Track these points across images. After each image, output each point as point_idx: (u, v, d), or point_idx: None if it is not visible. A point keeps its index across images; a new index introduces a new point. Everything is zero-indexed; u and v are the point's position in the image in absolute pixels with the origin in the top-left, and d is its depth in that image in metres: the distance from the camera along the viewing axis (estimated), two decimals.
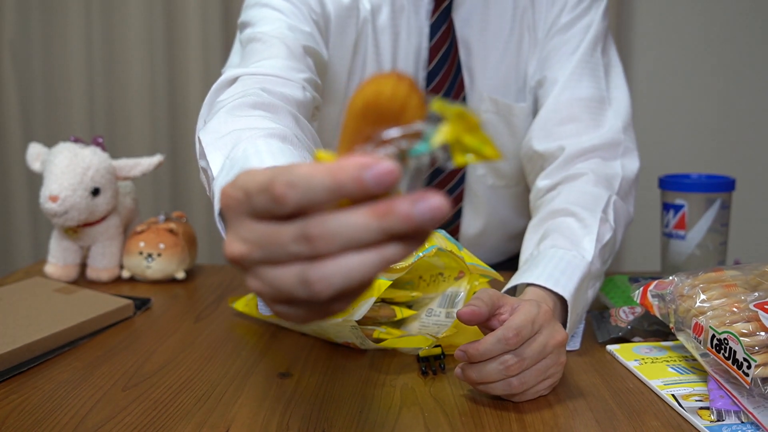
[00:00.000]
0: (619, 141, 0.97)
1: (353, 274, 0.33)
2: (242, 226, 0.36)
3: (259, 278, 0.37)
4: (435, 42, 1.02)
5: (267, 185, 0.34)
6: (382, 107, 0.32)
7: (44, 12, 1.88)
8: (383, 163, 0.32)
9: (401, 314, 0.79)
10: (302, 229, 0.33)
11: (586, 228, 0.84)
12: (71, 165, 0.99)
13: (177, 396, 0.67)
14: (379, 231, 0.32)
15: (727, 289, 0.68)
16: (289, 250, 0.34)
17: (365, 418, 0.63)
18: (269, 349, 0.80)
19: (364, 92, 0.33)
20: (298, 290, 0.35)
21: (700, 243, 0.97)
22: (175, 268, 1.05)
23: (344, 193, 0.32)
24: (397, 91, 0.32)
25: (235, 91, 0.78)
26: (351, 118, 0.33)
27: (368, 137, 0.33)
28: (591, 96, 0.99)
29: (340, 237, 0.33)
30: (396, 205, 0.32)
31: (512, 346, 0.62)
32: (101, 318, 0.85)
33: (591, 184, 0.91)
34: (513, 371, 0.63)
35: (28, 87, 1.91)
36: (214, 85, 0.83)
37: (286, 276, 0.35)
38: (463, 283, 0.79)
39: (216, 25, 1.82)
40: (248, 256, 0.36)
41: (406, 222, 0.32)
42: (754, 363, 0.59)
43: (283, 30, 0.90)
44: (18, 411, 0.64)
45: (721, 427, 0.60)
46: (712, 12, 1.84)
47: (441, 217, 0.33)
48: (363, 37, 1.00)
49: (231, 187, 0.37)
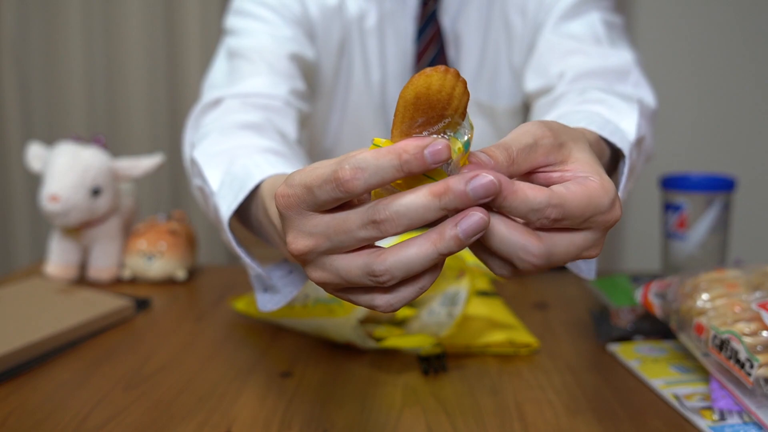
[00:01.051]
0: (629, 70, 0.83)
1: (413, 265, 0.38)
2: (306, 221, 0.39)
3: (324, 269, 0.40)
4: (423, 45, 1.01)
5: (331, 175, 0.37)
6: (431, 98, 0.37)
7: (44, 12, 1.87)
8: (437, 141, 0.36)
9: (402, 313, 0.79)
10: (370, 214, 0.37)
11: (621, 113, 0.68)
12: (72, 165, 0.98)
13: (178, 396, 0.67)
14: (438, 209, 0.37)
15: (729, 288, 0.68)
16: (358, 236, 0.38)
17: (367, 417, 0.63)
18: (270, 349, 0.80)
19: (415, 85, 0.37)
20: (363, 279, 0.39)
21: (701, 243, 0.97)
22: (175, 268, 1.05)
23: (408, 169, 0.36)
24: (445, 83, 0.37)
25: (219, 113, 0.79)
26: (404, 107, 0.38)
27: (420, 125, 0.38)
28: (587, 35, 0.88)
29: (406, 217, 0.37)
30: (452, 183, 0.36)
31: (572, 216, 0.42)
32: (102, 318, 0.85)
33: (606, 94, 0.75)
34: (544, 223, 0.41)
35: (28, 87, 1.91)
36: (197, 107, 0.84)
37: (353, 266, 0.39)
38: (463, 281, 0.79)
39: (216, 26, 1.83)
40: (316, 248, 0.39)
41: (462, 198, 0.36)
42: (757, 363, 0.59)
43: (264, 42, 0.91)
44: (18, 411, 0.64)
45: (723, 427, 0.60)
46: (713, 11, 1.84)
47: (494, 192, 0.37)
48: (349, 39, 1.01)
49: (287, 187, 0.39)
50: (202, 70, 1.83)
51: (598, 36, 0.89)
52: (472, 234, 0.37)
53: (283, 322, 0.84)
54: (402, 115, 0.38)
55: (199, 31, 1.82)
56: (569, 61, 0.86)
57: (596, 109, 0.68)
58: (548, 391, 0.68)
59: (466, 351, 0.77)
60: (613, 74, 0.83)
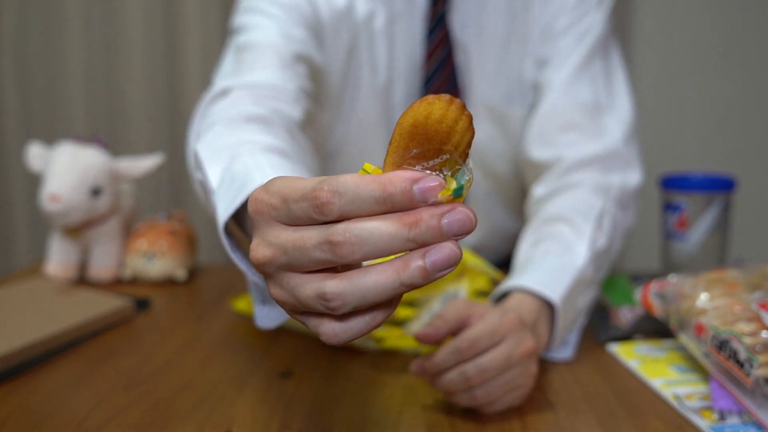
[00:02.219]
0: (619, 153, 0.94)
1: (369, 294, 0.35)
2: (271, 231, 0.37)
3: (281, 286, 0.37)
4: (431, 47, 1.00)
5: (310, 192, 0.35)
6: (430, 129, 0.34)
7: (44, 12, 1.87)
8: (431, 177, 0.34)
9: (402, 313, 0.79)
10: (327, 234, 0.34)
11: (579, 234, 0.83)
12: (72, 165, 0.98)
13: (178, 396, 0.67)
14: (406, 240, 0.34)
15: (729, 288, 0.68)
16: (312, 255, 0.35)
17: (366, 418, 0.63)
18: (270, 349, 0.80)
19: (415, 112, 0.34)
20: (315, 303, 0.36)
21: (700, 243, 0.97)
22: (175, 268, 1.05)
23: (391, 203, 0.34)
24: (447, 115, 0.34)
25: (227, 103, 0.78)
26: (399, 135, 0.35)
27: (414, 156, 0.35)
28: (590, 102, 0.97)
29: (367, 244, 0.34)
30: (425, 215, 0.34)
31: (466, 356, 0.61)
32: (102, 318, 0.85)
33: (587, 192, 0.90)
34: (475, 382, 0.61)
35: (28, 87, 1.91)
36: (205, 96, 0.82)
37: (306, 287, 0.36)
38: (463, 281, 0.79)
39: (216, 26, 1.82)
40: (273, 261, 0.37)
41: (435, 232, 0.34)
42: (757, 363, 0.59)
43: (274, 38, 0.89)
44: (18, 411, 0.64)
45: (723, 427, 0.60)
46: (714, 11, 1.84)
47: (469, 229, 0.34)
48: (357, 42, 0.99)
49: (265, 193, 0.37)
50: (202, 70, 1.83)
51: (599, 104, 0.96)
52: (441, 268, 0.34)
53: None
54: (397, 143, 0.35)
55: (199, 31, 1.82)
56: (569, 136, 0.95)
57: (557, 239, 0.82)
58: (548, 391, 0.68)
59: None
60: (602, 161, 0.93)
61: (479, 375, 0.61)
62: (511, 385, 0.62)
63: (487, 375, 0.61)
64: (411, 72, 1.02)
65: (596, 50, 0.99)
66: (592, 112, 0.96)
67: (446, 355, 0.61)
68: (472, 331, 0.62)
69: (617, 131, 0.96)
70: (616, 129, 0.96)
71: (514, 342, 0.63)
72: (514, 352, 0.62)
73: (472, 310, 0.65)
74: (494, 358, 0.61)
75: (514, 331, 0.63)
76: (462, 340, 0.61)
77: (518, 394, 0.63)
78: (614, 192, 0.91)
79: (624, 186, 0.93)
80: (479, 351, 0.61)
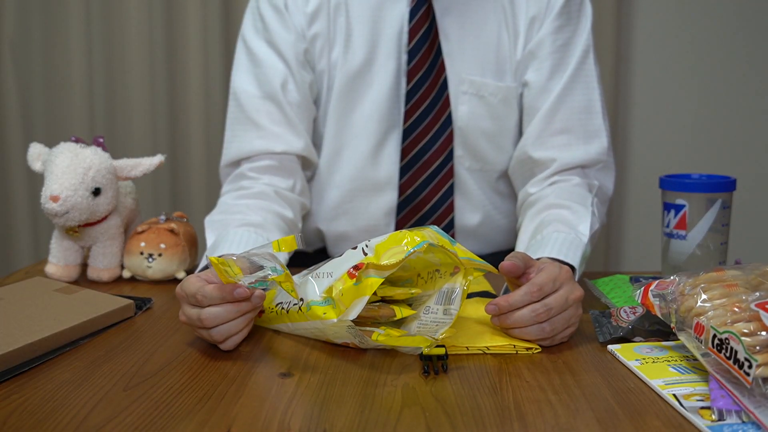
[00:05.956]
0: (602, 160, 1.11)
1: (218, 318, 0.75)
2: (184, 305, 0.78)
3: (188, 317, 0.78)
4: (413, 25, 1.11)
5: (193, 294, 0.75)
6: None
7: (44, 12, 1.87)
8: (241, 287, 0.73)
9: (401, 314, 0.79)
10: (198, 314, 0.75)
11: (579, 217, 0.99)
12: (72, 165, 0.99)
13: (178, 396, 0.67)
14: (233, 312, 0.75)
15: (729, 288, 0.68)
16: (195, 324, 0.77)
17: (366, 417, 0.63)
18: (270, 349, 0.80)
19: None
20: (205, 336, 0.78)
21: (700, 243, 0.97)
22: (175, 268, 1.05)
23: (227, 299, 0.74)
24: None
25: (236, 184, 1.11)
26: None
27: None
28: (583, 107, 1.11)
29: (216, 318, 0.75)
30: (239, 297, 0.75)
31: (535, 298, 0.76)
32: (102, 318, 0.85)
33: (578, 186, 1.07)
34: (542, 318, 0.76)
35: (28, 87, 1.91)
36: (223, 158, 1.15)
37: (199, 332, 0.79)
38: (458, 278, 0.79)
39: (216, 25, 1.82)
40: (186, 321, 0.78)
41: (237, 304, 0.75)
42: (756, 363, 0.59)
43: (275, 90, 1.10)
44: (19, 411, 0.64)
45: (722, 426, 0.60)
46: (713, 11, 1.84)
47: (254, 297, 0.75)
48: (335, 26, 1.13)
49: (180, 287, 0.78)
50: (202, 71, 1.83)
51: (590, 109, 1.11)
52: None
53: (281, 328, 0.84)
54: None
55: (199, 31, 1.82)
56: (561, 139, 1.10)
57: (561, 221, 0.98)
58: (548, 391, 0.69)
59: (467, 352, 0.78)
60: (588, 167, 1.11)
61: (546, 312, 0.76)
62: (568, 323, 0.79)
63: (552, 313, 0.76)
64: (398, 49, 1.12)
65: (587, 55, 1.13)
66: (584, 117, 1.11)
67: (520, 297, 0.76)
68: (539, 278, 0.77)
69: (604, 139, 1.11)
70: (604, 136, 1.11)
71: (569, 288, 0.78)
72: (570, 296, 0.78)
73: (531, 261, 0.81)
74: (557, 299, 0.77)
75: (569, 280, 0.79)
76: (532, 285, 0.76)
77: (570, 332, 0.80)
78: (596, 190, 1.10)
79: (603, 187, 1.13)
80: (545, 294, 0.76)
